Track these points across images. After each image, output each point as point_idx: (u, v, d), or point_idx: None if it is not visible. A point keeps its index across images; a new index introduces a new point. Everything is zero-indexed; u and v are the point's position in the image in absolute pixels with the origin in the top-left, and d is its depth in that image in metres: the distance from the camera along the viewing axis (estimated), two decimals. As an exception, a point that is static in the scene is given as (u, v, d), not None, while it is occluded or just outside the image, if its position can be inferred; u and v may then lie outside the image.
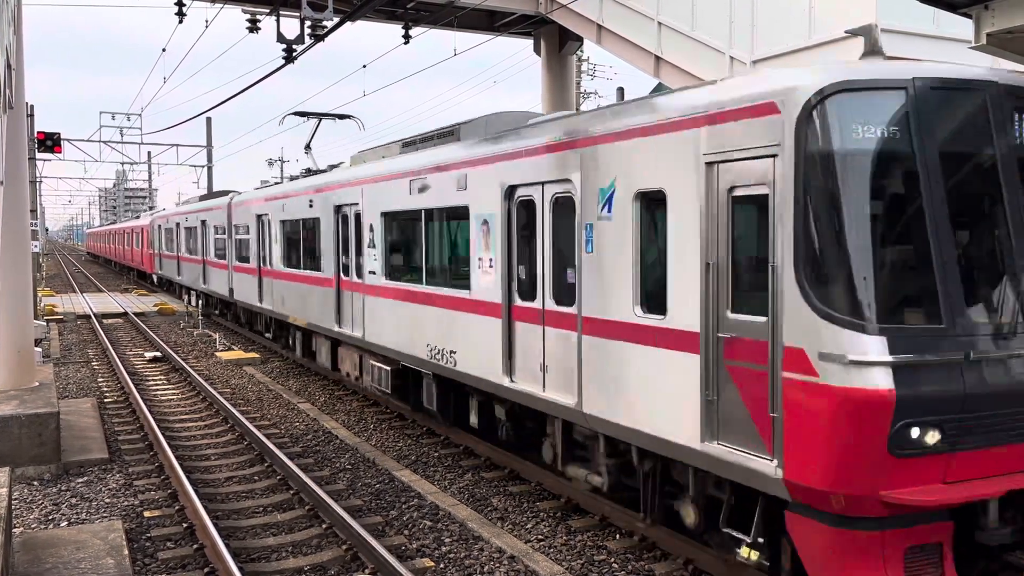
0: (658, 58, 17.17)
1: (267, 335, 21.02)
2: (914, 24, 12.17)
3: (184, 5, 17.42)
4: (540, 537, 8.55)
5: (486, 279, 9.71)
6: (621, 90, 14.63)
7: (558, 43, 24.11)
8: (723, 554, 7.11)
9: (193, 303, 30.01)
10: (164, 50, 25.44)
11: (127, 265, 56.70)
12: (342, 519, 8.50)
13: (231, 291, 23.25)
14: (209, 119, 47.95)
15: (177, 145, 45.14)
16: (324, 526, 8.80)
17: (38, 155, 28.61)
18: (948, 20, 8.84)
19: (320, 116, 19.01)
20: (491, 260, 9.61)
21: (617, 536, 8.53)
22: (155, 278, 42.29)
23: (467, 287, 10.16)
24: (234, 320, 25.57)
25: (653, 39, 17.17)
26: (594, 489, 8.94)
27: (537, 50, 24.83)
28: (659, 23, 16.98)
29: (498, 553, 8.10)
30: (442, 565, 7.86)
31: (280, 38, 15.26)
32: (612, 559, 7.97)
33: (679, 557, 7.83)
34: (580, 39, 23.22)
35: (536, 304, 8.84)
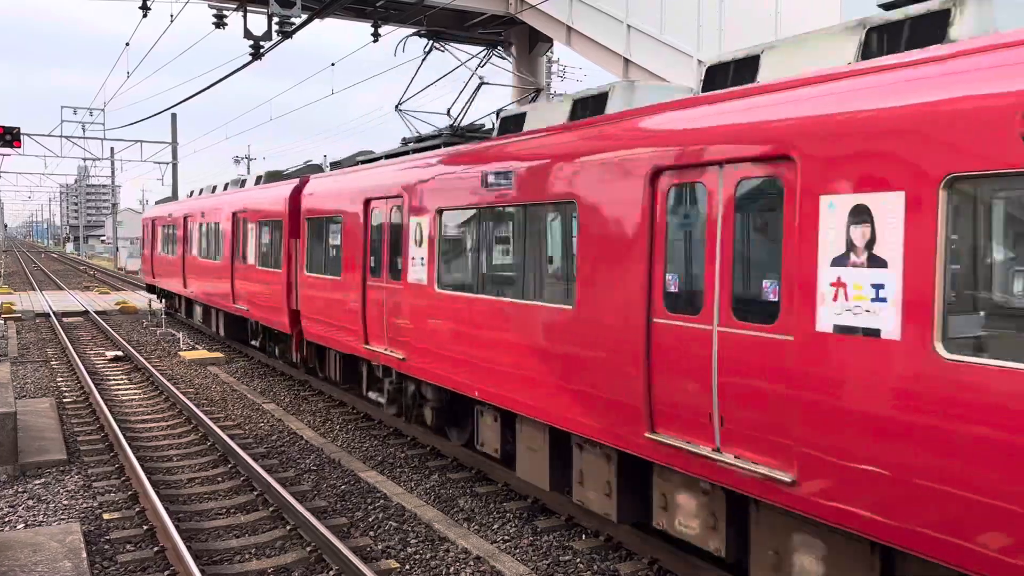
0: (627, 60, 17.27)
1: None
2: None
3: (149, -1, 17.15)
4: (506, 537, 8.54)
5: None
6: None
7: (528, 44, 24.15)
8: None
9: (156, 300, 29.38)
10: (128, 44, 25.03)
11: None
12: (307, 520, 8.41)
13: None
14: (174, 115, 47.35)
15: (141, 141, 44.47)
16: (288, 527, 8.70)
17: (-3, 150, 28.02)
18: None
19: None
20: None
21: (583, 536, 8.55)
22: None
23: None
24: None
25: (622, 41, 17.26)
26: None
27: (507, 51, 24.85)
28: (628, 26, 17.08)
29: (464, 554, 8.07)
30: (408, 566, 7.82)
31: (247, 34, 15.11)
32: (578, 559, 7.98)
33: (644, 557, 7.86)
34: (550, 40, 23.28)
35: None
